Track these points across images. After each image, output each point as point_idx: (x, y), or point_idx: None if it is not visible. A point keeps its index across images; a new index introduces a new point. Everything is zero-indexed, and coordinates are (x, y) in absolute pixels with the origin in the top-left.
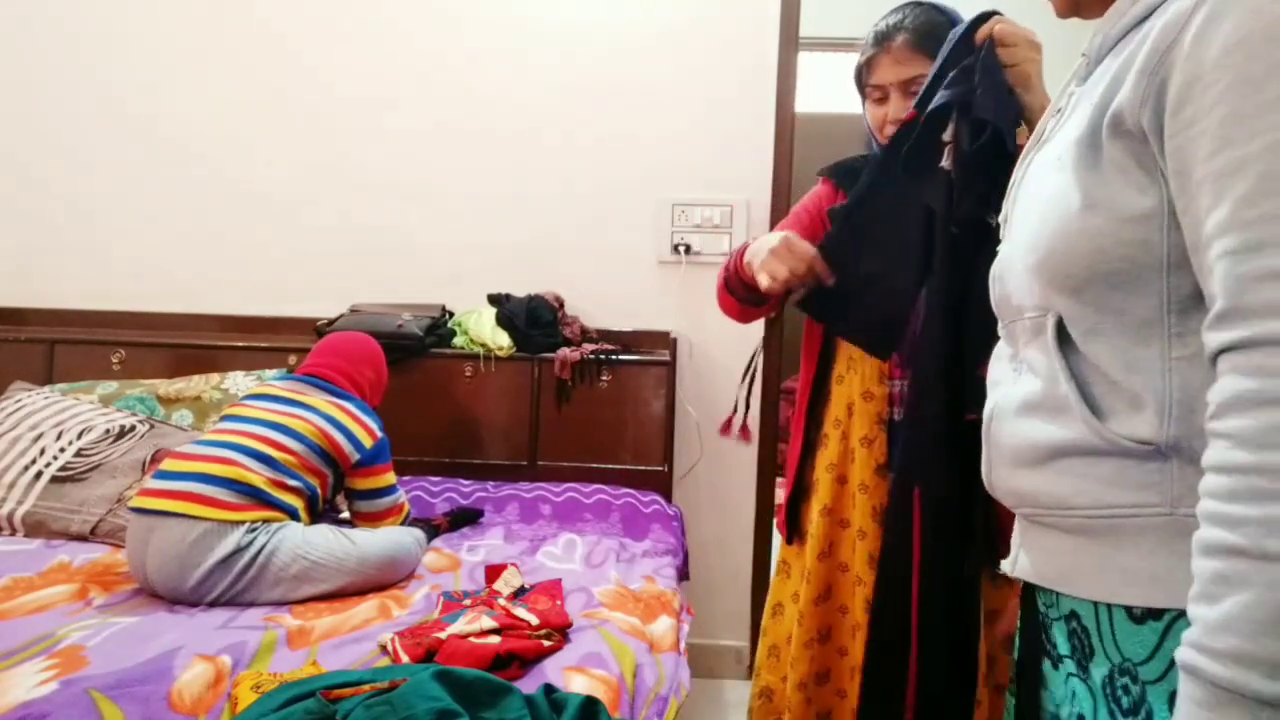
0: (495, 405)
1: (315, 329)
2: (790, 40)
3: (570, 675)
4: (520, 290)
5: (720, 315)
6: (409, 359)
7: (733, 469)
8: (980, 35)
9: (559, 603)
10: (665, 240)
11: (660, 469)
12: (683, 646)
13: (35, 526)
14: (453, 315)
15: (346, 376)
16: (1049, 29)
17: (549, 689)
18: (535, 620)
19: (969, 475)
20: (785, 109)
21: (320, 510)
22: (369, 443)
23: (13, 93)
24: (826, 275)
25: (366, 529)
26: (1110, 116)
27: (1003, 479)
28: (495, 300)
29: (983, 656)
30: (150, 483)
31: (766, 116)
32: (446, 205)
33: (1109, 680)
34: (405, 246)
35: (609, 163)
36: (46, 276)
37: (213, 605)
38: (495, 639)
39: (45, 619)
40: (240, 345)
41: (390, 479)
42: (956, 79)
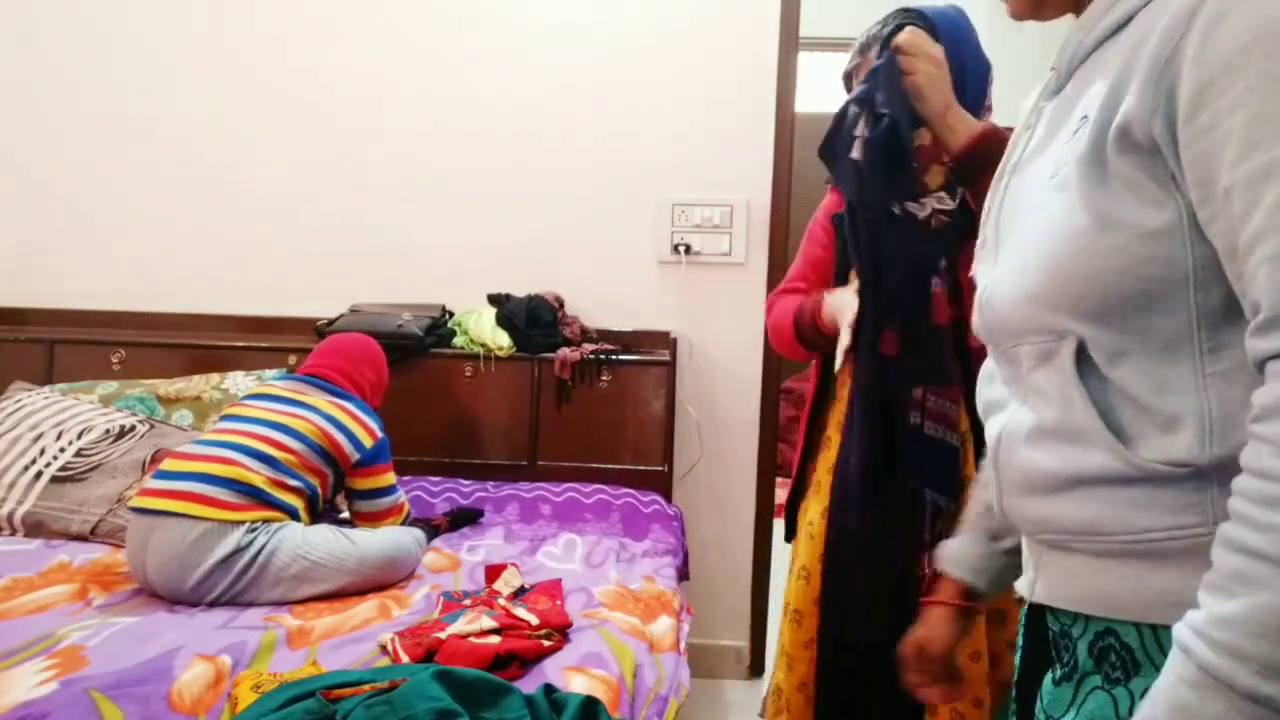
0: (495, 405)
1: (315, 329)
2: (790, 40)
3: (570, 675)
4: (520, 290)
5: (720, 315)
6: (409, 359)
7: (733, 469)
8: (893, 42)
9: (559, 603)
10: (665, 240)
11: (660, 469)
12: (683, 646)
13: (35, 526)
14: (453, 315)
15: (347, 377)
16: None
17: (549, 689)
18: (535, 620)
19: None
20: (785, 109)
21: (320, 510)
22: (369, 443)
23: (13, 93)
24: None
25: (366, 529)
26: (1115, 130)
27: (1016, 506)
28: (495, 300)
29: (987, 655)
30: (150, 483)
31: (766, 116)
32: (446, 205)
33: None
34: (405, 246)
35: (609, 163)
36: (46, 276)
37: (213, 605)
38: (495, 639)
39: (45, 619)
40: (240, 345)
41: (390, 479)
42: (867, 78)
